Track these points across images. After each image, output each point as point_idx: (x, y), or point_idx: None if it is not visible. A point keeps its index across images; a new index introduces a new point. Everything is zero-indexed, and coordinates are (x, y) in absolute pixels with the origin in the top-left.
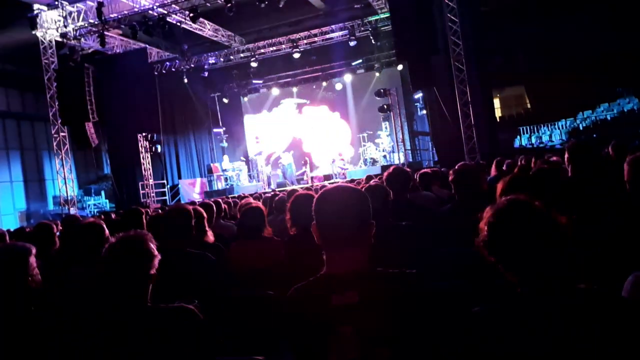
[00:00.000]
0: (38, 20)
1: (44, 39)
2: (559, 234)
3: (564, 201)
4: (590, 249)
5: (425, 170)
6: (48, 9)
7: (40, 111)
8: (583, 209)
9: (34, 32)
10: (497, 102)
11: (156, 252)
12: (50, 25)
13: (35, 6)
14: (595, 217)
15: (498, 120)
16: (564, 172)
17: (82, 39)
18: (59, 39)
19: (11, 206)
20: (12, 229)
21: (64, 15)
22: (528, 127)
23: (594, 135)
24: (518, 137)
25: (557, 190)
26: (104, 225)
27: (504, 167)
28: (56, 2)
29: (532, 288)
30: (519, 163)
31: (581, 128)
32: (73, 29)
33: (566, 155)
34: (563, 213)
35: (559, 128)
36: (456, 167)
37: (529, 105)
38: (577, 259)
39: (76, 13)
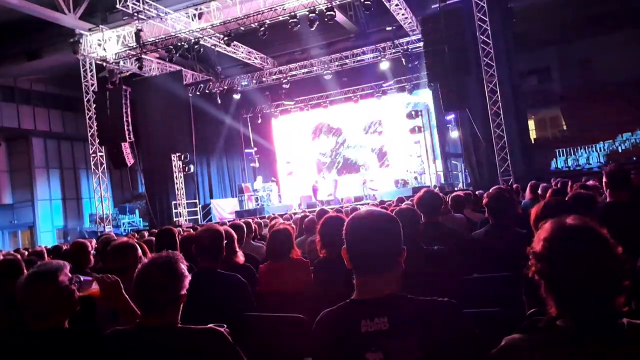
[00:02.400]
0: (80, 44)
1: (85, 62)
2: (621, 268)
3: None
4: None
5: (458, 193)
6: (89, 34)
7: (79, 131)
8: (621, 237)
9: (75, 56)
10: (531, 124)
11: (187, 273)
12: (91, 49)
13: (78, 31)
14: (635, 247)
15: (533, 142)
16: (601, 198)
17: (121, 62)
18: (99, 62)
19: (50, 223)
20: (49, 246)
21: (104, 39)
22: (564, 149)
23: (634, 159)
24: (554, 159)
25: (594, 216)
26: (137, 245)
27: (539, 191)
28: (97, 27)
29: (575, 322)
30: (555, 187)
31: (620, 151)
32: (112, 52)
33: (604, 180)
34: None
35: (596, 150)
36: (490, 191)
37: (565, 127)
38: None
39: (116, 37)
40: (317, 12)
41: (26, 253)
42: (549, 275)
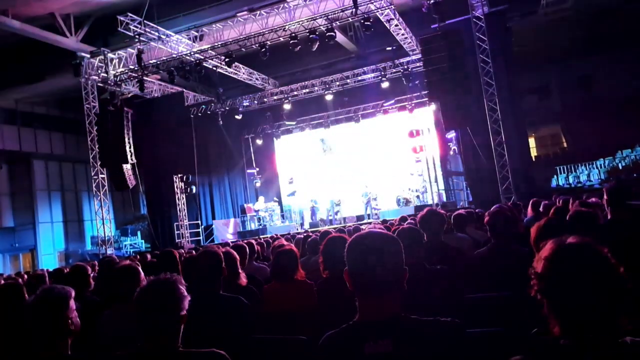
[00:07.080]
0: (81, 67)
1: (87, 84)
2: (623, 287)
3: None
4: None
5: (460, 211)
6: (91, 57)
7: (80, 153)
8: (623, 255)
9: (77, 78)
10: (532, 142)
11: (186, 293)
12: (92, 72)
13: (79, 54)
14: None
15: (534, 159)
16: (603, 215)
17: (123, 84)
18: (101, 85)
19: (51, 246)
20: (51, 269)
21: (106, 61)
22: (565, 167)
23: (634, 175)
24: (555, 176)
25: (595, 234)
26: (139, 269)
27: (540, 209)
28: (98, 50)
29: (578, 341)
30: (556, 204)
31: (620, 167)
32: (114, 74)
33: (605, 197)
34: None
35: (597, 167)
36: (492, 210)
37: (565, 144)
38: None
39: (117, 60)
40: (317, 33)
41: (26, 277)
42: (550, 294)
